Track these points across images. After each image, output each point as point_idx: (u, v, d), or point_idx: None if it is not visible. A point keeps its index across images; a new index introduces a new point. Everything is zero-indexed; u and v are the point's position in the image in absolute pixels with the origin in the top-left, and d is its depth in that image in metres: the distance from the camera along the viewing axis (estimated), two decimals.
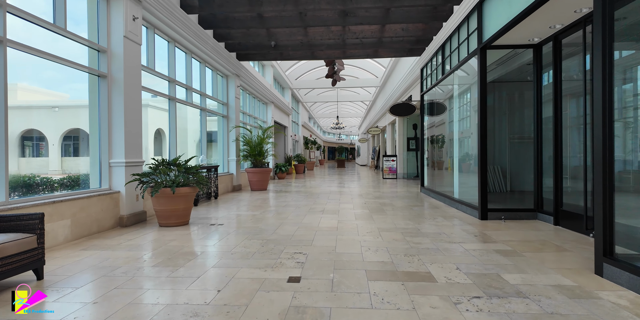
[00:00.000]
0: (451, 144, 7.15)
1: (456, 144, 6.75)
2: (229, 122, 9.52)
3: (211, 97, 8.62)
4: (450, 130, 7.12)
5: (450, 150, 7.36)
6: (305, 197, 7.83)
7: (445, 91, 7.59)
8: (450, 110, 7.28)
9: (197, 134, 8.32)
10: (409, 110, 9.22)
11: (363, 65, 18.60)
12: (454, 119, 6.88)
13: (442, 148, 7.91)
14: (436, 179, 8.35)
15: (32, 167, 5.59)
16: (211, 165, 7.80)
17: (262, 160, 9.65)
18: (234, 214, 5.74)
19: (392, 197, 7.87)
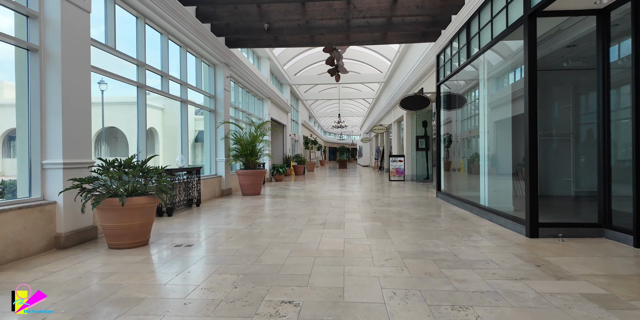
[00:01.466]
0: (476, 141, 5.99)
1: (484, 140, 5.58)
2: (216, 118, 8.36)
3: (194, 88, 7.47)
4: (476, 124, 5.95)
5: (475, 148, 6.19)
6: (303, 204, 6.66)
7: (469, 79, 6.43)
8: (474, 102, 6.12)
9: (188, 133, 7.17)
10: (422, 104, 8.09)
11: (367, 60, 17.44)
12: (482, 111, 5.71)
13: (465, 146, 6.75)
14: (456, 182, 7.18)
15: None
16: (193, 166, 6.63)
17: (255, 160, 8.49)
18: (212, 228, 4.57)
19: (405, 203, 6.70)
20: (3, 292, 2.40)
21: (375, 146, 25.94)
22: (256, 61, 12.84)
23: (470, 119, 6.64)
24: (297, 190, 9.61)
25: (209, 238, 3.99)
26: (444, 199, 7.16)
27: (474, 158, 6.57)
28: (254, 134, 8.51)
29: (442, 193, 7.44)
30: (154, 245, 3.72)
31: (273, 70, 15.18)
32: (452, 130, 7.51)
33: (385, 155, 20.36)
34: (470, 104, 6.66)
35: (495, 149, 5.51)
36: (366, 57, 17.41)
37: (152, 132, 14.15)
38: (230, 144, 8.65)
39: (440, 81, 7.54)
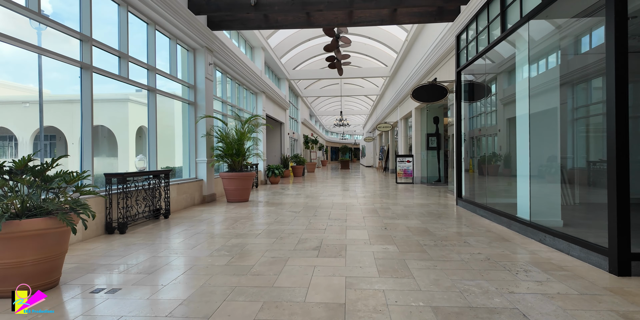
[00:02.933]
0: (506, 138, 4.75)
1: (524, 136, 4.34)
2: (196, 111, 7.15)
3: (166, 75, 6.26)
4: (514, 114, 4.70)
5: (508, 146, 4.96)
6: (296, 215, 5.43)
7: (500, 62, 5.18)
8: (509, 86, 4.88)
9: (157, 128, 5.97)
10: (437, 94, 6.87)
11: (371, 52, 16.20)
12: (521, 99, 4.47)
13: (491, 144, 5.50)
14: (483, 188, 5.93)
15: None
16: (158, 170, 5.43)
17: (242, 161, 7.27)
18: (165, 255, 3.35)
19: (421, 214, 5.45)
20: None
21: (379, 145, 24.69)
22: (249, 51, 11.63)
23: (499, 112, 5.40)
24: (292, 195, 8.38)
25: (150, 275, 2.76)
26: (467, 208, 5.91)
27: (503, 158, 5.33)
28: (241, 130, 7.28)
29: (463, 200, 6.19)
30: (66, 288, 2.50)
31: (269, 63, 13.97)
32: (474, 126, 6.26)
33: (391, 155, 19.11)
34: (498, 93, 5.42)
35: (538, 146, 4.26)
36: (370, 50, 16.17)
37: (143, 131, 12.95)
38: (215, 142, 7.44)
39: (462, 66, 6.28)
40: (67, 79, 4.92)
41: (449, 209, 6.01)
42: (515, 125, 4.65)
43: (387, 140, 20.46)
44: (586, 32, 4.13)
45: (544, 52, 4.30)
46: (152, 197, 5.06)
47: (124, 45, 5.06)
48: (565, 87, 4.39)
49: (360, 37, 14.61)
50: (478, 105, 6.20)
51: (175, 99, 6.63)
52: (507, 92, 5.18)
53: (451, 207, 6.23)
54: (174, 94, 6.51)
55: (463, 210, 5.92)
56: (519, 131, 4.55)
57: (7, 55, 3.96)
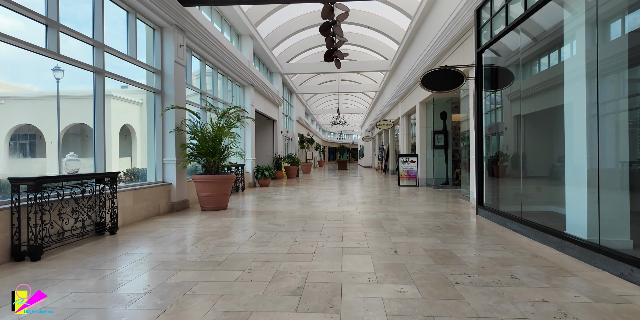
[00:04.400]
0: (559, 130, 3.62)
1: (579, 128, 3.23)
2: (164, 102, 5.98)
3: (121, 55, 5.09)
4: (557, 102, 3.57)
5: (541, 144, 3.85)
6: (279, 231, 4.27)
7: (541, 34, 4.05)
8: (548, 68, 3.77)
9: (104, 121, 4.79)
10: (452, 81, 5.74)
11: (370, 44, 15.07)
12: (572, 82, 3.34)
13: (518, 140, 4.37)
14: (512, 193, 4.80)
15: None
16: (99, 173, 4.28)
17: (220, 162, 6.10)
18: (61, 309, 2.19)
19: (438, 229, 4.31)
20: None
21: (379, 145, 23.57)
22: (235, 39, 10.46)
23: (533, 100, 4.27)
24: (281, 201, 7.22)
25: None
26: (493, 219, 4.77)
27: (525, 157, 4.21)
28: (218, 124, 6.12)
29: (486, 209, 5.06)
30: None
31: (259, 55, 12.81)
32: (493, 120, 5.14)
33: (391, 155, 18.00)
34: (567, 61, 4.29)
35: (601, 144, 3.13)
36: (369, 42, 15.05)
37: (129, 130, 11.69)
38: (188, 138, 6.28)
39: (484, 45, 5.15)
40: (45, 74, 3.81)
41: (469, 220, 4.87)
42: (563, 116, 3.53)
43: (387, 140, 19.34)
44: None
45: (613, 14, 3.17)
46: (91, 208, 3.88)
47: (53, 10, 3.89)
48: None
49: (359, 27, 13.49)
50: (501, 95, 5.08)
51: (136, 86, 5.46)
52: (547, 75, 4.05)
53: (470, 217, 5.09)
54: (133, 80, 5.33)
55: (487, 221, 4.78)
56: (569, 124, 3.42)
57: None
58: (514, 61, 4.56)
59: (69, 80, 4.64)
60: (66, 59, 4.02)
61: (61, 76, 5.22)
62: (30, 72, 4.44)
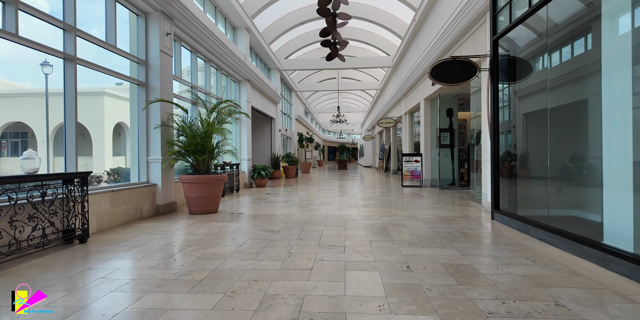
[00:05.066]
0: (596, 123, 3.13)
1: (622, 124, 2.73)
2: (148, 94, 5.47)
3: (99, 42, 4.57)
4: (598, 91, 3.07)
5: (594, 135, 3.36)
6: (272, 240, 3.77)
7: (566, 19, 3.55)
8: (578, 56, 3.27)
9: (77, 113, 4.28)
10: (464, 73, 5.23)
11: (371, 40, 14.56)
12: (622, 63, 2.84)
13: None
14: (533, 197, 4.30)
15: None
16: (67, 173, 3.77)
17: (209, 161, 5.60)
18: None
19: (453, 237, 3.80)
20: None
21: (379, 144, 23.07)
22: (230, 32, 9.94)
23: (557, 92, 3.76)
24: (278, 203, 6.72)
25: None
26: (512, 225, 4.27)
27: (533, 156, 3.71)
28: (208, 120, 5.60)
29: (503, 214, 4.56)
30: None
31: (256, 49, 12.29)
32: (532, 109, 4.63)
33: (392, 155, 17.50)
34: (608, 44, 3.78)
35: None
36: (371, 38, 14.54)
37: (122, 127, 11.14)
38: (175, 135, 5.77)
39: (501, 32, 4.64)
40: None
41: (485, 227, 4.37)
42: (599, 109, 3.02)
43: (389, 138, 18.84)
44: None
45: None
46: (54, 214, 3.37)
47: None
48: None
49: (360, 22, 12.98)
50: (509, 89, 4.57)
51: (117, 77, 4.95)
52: (580, 62, 3.54)
53: (485, 222, 4.59)
54: (112, 70, 4.81)
55: (505, 228, 4.27)
56: (609, 118, 2.92)
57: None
58: (538, 48, 4.06)
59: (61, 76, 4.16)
60: (27, 42, 3.51)
61: (50, 71, 4.79)
62: (23, 69, 3.97)
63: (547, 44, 3.77)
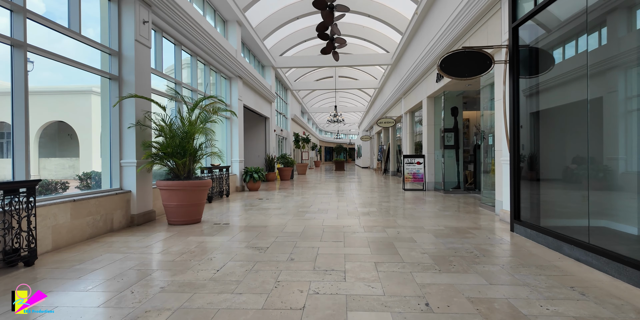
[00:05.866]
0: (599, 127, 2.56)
1: None
2: (122, 90, 4.84)
3: (57, 27, 3.94)
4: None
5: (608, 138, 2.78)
6: (257, 262, 3.16)
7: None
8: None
9: (28, 109, 3.65)
10: (478, 66, 4.65)
11: (369, 36, 13.99)
12: None
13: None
14: (562, 206, 3.73)
15: None
16: (9, 181, 3.14)
17: (191, 164, 4.97)
18: None
19: (474, 256, 3.21)
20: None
21: (378, 145, 22.50)
22: (221, 25, 9.31)
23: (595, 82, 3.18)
24: (269, 210, 6.10)
25: None
26: (539, 239, 3.68)
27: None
28: (190, 118, 4.98)
29: (524, 225, 3.97)
30: None
31: (249, 45, 11.67)
32: (557, 103, 4.05)
33: (391, 156, 16.93)
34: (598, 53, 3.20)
35: None
36: (369, 34, 13.97)
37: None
38: (153, 136, 5.14)
39: (524, 17, 4.06)
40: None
41: (507, 241, 3.78)
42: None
43: (388, 139, 18.28)
44: None
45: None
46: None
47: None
48: None
49: (358, 17, 12.40)
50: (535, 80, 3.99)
51: (82, 69, 4.31)
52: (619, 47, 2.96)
53: (504, 235, 4.00)
54: (76, 61, 4.18)
55: (531, 243, 3.68)
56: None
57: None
58: (571, 31, 3.48)
59: (49, 73, 3.62)
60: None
61: (30, 68, 4.25)
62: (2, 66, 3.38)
63: (586, 22, 3.18)
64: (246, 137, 13.35)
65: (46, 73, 4.61)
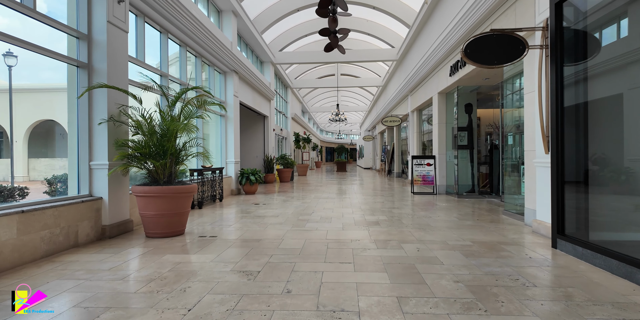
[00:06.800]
0: None
1: None
2: (91, 79, 4.15)
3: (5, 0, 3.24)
4: None
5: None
6: (244, 296, 2.45)
7: None
8: None
9: None
10: (509, 52, 3.95)
11: (373, 30, 13.29)
12: None
13: None
14: (627, 218, 3.02)
15: None
16: None
17: (173, 167, 4.27)
18: None
19: (522, 287, 2.50)
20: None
21: (381, 145, 21.79)
22: (214, 15, 8.62)
23: None
24: (264, 218, 5.40)
25: None
26: (594, 261, 2.96)
27: None
28: (170, 113, 4.28)
29: (572, 241, 3.26)
30: None
31: (247, 39, 10.98)
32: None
33: (396, 156, 16.22)
34: None
35: None
36: (373, 28, 13.27)
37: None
38: (130, 134, 4.44)
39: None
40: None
41: (552, 261, 3.07)
42: None
43: (392, 139, 17.57)
44: None
45: None
46: None
47: None
48: None
49: (362, 9, 11.70)
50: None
51: (42, 54, 3.62)
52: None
53: (544, 252, 3.29)
54: (33, 43, 3.48)
55: (586, 266, 2.97)
56: None
57: None
58: (623, 9, 2.77)
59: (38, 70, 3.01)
60: None
61: (14, 63, 3.72)
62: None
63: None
64: (243, 136, 12.66)
65: (48, 72, 4.04)
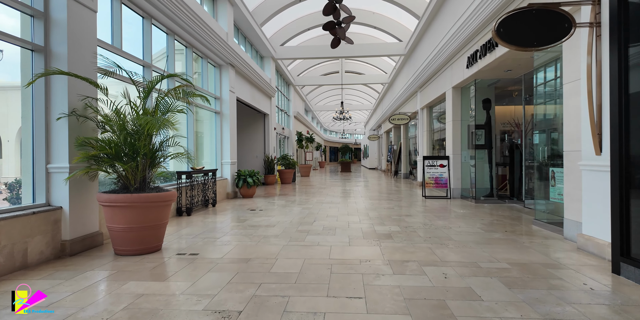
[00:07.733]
0: None
1: None
2: (48, 64, 3.47)
3: None
4: None
5: None
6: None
7: None
8: None
9: None
10: (550, 31, 3.26)
11: (380, 23, 12.55)
12: None
13: None
14: None
15: None
16: None
17: (149, 171, 3.59)
18: None
19: None
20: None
21: (387, 144, 21.04)
22: (208, 3, 7.93)
23: None
24: (259, 228, 4.72)
25: None
26: None
27: None
28: (141, 106, 3.59)
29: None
30: None
31: (245, 31, 10.29)
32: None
33: (403, 156, 15.49)
34: None
35: None
36: (380, 20, 12.54)
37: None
38: (99, 132, 3.76)
39: None
40: None
41: (627, 297, 2.35)
42: None
43: (399, 138, 16.83)
44: None
45: None
46: None
47: None
48: None
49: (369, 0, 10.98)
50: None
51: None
52: None
53: (604, 279, 2.57)
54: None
55: None
56: None
57: None
58: None
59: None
60: None
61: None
62: None
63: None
64: (242, 135, 11.99)
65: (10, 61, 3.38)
